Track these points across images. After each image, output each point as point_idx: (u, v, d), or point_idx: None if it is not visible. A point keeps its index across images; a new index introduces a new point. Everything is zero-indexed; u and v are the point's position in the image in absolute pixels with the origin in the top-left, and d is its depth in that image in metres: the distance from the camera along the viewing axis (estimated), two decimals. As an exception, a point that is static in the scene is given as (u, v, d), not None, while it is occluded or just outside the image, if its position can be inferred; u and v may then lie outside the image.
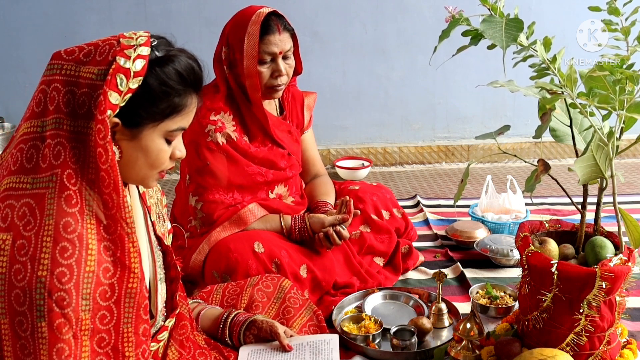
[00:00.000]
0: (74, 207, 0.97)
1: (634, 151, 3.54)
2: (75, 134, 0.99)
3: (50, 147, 0.98)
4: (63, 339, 0.94)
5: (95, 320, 0.98)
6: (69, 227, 0.96)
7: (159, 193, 1.31)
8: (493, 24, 1.22)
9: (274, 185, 1.98)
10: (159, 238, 1.25)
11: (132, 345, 1.03)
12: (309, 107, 2.14)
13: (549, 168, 1.27)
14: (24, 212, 0.97)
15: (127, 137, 1.04)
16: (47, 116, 0.99)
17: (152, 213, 1.24)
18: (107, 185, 0.98)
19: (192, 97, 1.08)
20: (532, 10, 3.23)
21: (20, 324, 0.94)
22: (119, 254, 1.01)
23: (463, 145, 3.52)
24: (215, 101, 1.86)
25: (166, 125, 1.05)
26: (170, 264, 1.26)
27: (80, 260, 0.95)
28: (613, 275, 1.27)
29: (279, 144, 1.97)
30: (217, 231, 1.84)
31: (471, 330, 1.47)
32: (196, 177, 1.86)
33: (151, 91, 1.01)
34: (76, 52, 1.01)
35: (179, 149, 1.12)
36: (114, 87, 0.97)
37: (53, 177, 0.97)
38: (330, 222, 1.84)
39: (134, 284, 1.02)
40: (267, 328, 1.48)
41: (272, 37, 1.79)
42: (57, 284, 0.93)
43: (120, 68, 0.98)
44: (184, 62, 1.05)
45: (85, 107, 0.98)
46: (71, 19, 3.26)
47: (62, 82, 0.99)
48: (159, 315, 1.21)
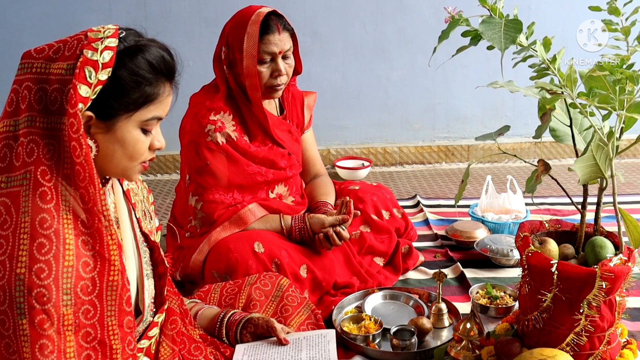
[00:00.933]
0: (49, 202, 0.97)
1: (634, 151, 3.54)
2: (48, 131, 0.99)
3: (23, 145, 0.99)
4: (45, 334, 0.94)
5: (78, 315, 0.98)
6: (45, 223, 0.96)
7: (145, 190, 1.31)
8: (492, 25, 1.22)
9: (274, 185, 1.98)
10: (145, 234, 1.25)
11: (118, 338, 1.04)
12: (309, 107, 2.14)
13: (549, 168, 1.27)
14: (0, 211, 0.97)
15: (102, 130, 1.04)
16: (20, 115, 1.00)
17: (137, 210, 1.24)
18: (83, 179, 0.99)
19: (165, 86, 1.08)
20: (532, 10, 3.23)
21: (3, 322, 0.94)
22: (98, 247, 1.01)
23: (463, 145, 3.52)
24: (214, 101, 1.86)
25: (140, 115, 1.05)
26: (158, 260, 1.26)
27: (58, 256, 0.96)
28: (613, 275, 1.27)
29: (279, 144, 1.97)
30: (217, 231, 1.84)
31: (471, 330, 1.47)
32: (196, 177, 1.86)
33: (121, 82, 1.02)
34: (46, 50, 1.01)
35: (158, 139, 1.11)
36: (83, 80, 0.98)
37: (27, 175, 0.98)
38: (330, 223, 1.85)
39: (115, 276, 1.02)
40: (264, 324, 1.49)
41: (272, 37, 1.79)
42: (36, 280, 0.93)
43: (88, 60, 0.98)
44: (154, 51, 1.05)
45: (57, 103, 0.99)
46: (71, 19, 3.25)
47: (33, 80, 1.00)
48: (146, 311, 1.20)
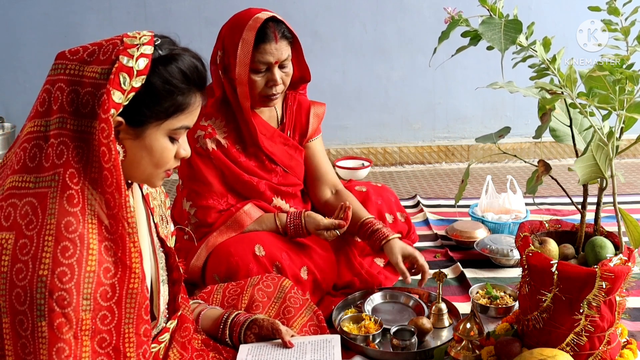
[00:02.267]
0: (76, 206, 0.97)
1: (634, 151, 3.54)
2: (78, 133, 0.99)
3: (54, 147, 0.99)
4: (63, 338, 0.94)
5: (96, 321, 0.98)
6: (71, 227, 0.96)
7: (162, 195, 1.31)
8: (492, 26, 1.22)
9: (271, 197, 1.92)
10: (161, 240, 1.25)
11: (133, 346, 1.03)
12: (317, 115, 2.03)
13: (549, 169, 1.27)
14: (27, 211, 0.97)
15: (131, 136, 1.04)
16: (51, 116, 1.00)
17: (155, 215, 1.24)
18: (110, 184, 0.98)
19: (196, 96, 1.08)
20: (532, 10, 3.23)
21: (21, 323, 0.94)
22: (120, 254, 1.01)
23: (463, 145, 3.52)
24: (207, 105, 1.80)
25: (170, 124, 1.06)
26: (173, 266, 1.26)
27: (81, 260, 0.95)
28: (613, 275, 1.27)
29: (270, 159, 1.90)
30: (214, 235, 1.81)
31: (471, 330, 1.47)
32: (188, 183, 1.85)
33: (155, 90, 1.02)
34: (80, 52, 1.01)
35: (184, 147, 1.12)
36: (117, 86, 0.98)
37: (55, 177, 0.98)
38: (325, 226, 1.83)
39: (135, 284, 1.02)
40: (269, 326, 1.48)
41: (268, 46, 1.71)
42: (57, 283, 0.93)
43: (123, 67, 0.98)
44: (188, 60, 1.05)
45: (89, 107, 0.98)
46: (71, 19, 3.26)
47: (66, 82, 1.00)
48: (160, 317, 1.20)
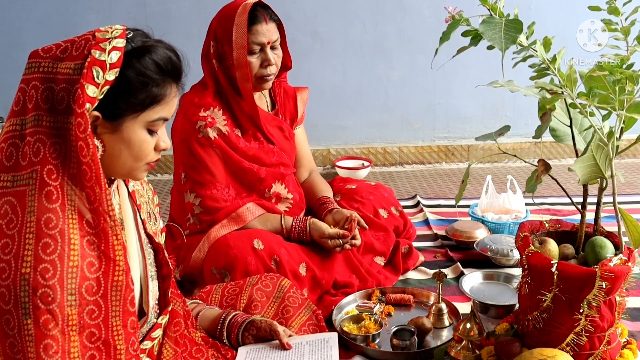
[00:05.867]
0: (55, 202, 0.97)
1: (634, 151, 3.54)
2: (55, 130, 0.99)
3: (30, 145, 0.99)
4: (50, 335, 0.94)
5: (83, 316, 0.98)
6: (51, 223, 0.96)
7: (150, 192, 1.31)
8: (492, 25, 1.22)
9: (270, 183, 1.98)
10: (149, 236, 1.25)
11: (122, 338, 1.04)
12: (302, 101, 2.15)
13: (549, 168, 1.27)
14: (6, 210, 0.97)
15: (109, 130, 1.04)
16: (27, 114, 1.00)
17: (142, 211, 1.24)
18: (89, 179, 0.99)
19: (172, 87, 1.08)
20: (532, 10, 3.23)
21: (8, 322, 0.94)
22: (104, 247, 1.01)
23: (463, 145, 3.52)
24: (203, 97, 1.87)
25: (147, 116, 1.06)
26: (162, 262, 1.26)
27: (63, 256, 0.96)
28: (613, 275, 1.27)
29: (269, 139, 1.98)
30: (216, 229, 1.85)
31: (471, 330, 1.47)
32: (192, 174, 1.87)
33: (129, 82, 1.02)
34: (53, 50, 1.02)
35: (163, 139, 1.12)
36: (91, 80, 0.98)
37: (33, 174, 0.98)
38: (329, 235, 1.88)
39: (120, 276, 1.02)
40: (267, 327, 1.48)
41: (260, 27, 1.80)
42: (40, 280, 0.93)
43: (96, 61, 0.98)
44: (161, 52, 1.05)
45: (65, 103, 0.99)
46: (71, 19, 3.25)
47: (40, 80, 1.00)
48: (150, 313, 1.20)
